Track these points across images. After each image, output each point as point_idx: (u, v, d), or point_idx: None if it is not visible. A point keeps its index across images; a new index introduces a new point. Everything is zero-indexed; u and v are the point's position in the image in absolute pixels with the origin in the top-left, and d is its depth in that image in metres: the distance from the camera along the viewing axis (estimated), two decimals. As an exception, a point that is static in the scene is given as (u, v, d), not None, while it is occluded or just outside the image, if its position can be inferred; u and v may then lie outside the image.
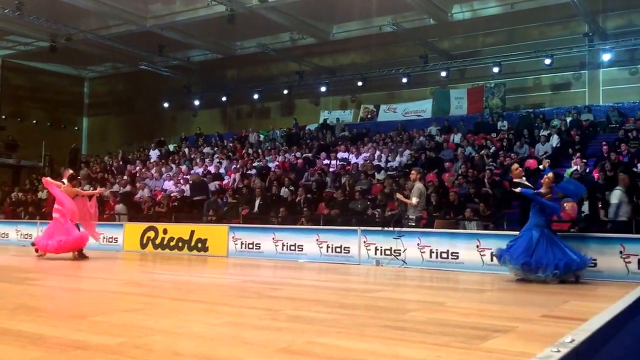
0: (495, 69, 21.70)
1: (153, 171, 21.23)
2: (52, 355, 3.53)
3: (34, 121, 32.38)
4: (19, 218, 19.25)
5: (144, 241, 14.91)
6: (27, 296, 6.41)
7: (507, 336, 4.41)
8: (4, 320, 4.66)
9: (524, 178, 9.70)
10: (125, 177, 20.90)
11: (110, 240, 15.49)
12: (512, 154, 16.47)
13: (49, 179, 12.74)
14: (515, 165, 10.20)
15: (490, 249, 10.47)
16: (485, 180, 14.58)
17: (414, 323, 4.96)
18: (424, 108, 24.03)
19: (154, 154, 24.82)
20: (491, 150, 17.44)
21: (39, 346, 3.76)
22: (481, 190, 13.96)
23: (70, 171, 12.91)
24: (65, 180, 12.18)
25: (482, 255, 10.82)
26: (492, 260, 10.40)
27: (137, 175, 21.54)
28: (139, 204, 18.47)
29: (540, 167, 13.74)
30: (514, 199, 12.33)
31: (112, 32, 25.10)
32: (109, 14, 23.42)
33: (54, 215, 12.02)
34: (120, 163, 24.33)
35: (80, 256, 11.81)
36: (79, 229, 12.16)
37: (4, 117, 31.24)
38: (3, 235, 17.58)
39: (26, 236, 16.97)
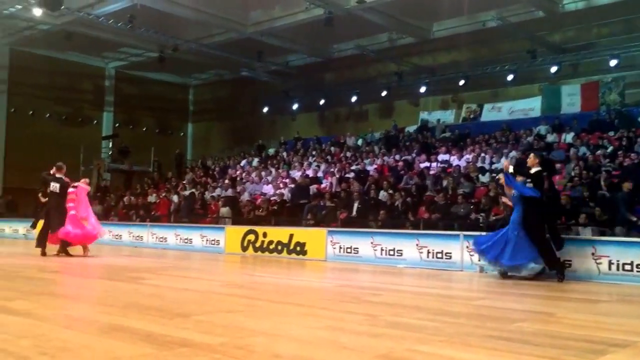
0: (613, 62, 20.17)
1: (253, 175, 21.65)
2: (160, 352, 3.69)
3: (144, 128, 34.24)
4: (131, 220, 20.29)
5: (245, 244, 15.17)
6: (138, 295, 6.67)
7: (626, 352, 4.04)
8: (116, 317, 4.95)
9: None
10: (226, 181, 21.47)
11: (213, 242, 15.90)
12: (632, 154, 15.18)
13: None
14: (532, 155, 10.06)
15: (608, 256, 9.72)
16: (602, 183, 13.55)
17: (521, 334, 4.69)
18: (532, 106, 22.80)
19: (251, 159, 25.34)
20: (608, 150, 16.19)
21: (149, 343, 3.94)
22: (597, 194, 12.98)
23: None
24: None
25: (598, 264, 10.02)
26: (609, 269, 9.64)
27: (238, 179, 22.06)
28: (241, 207, 18.87)
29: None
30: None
31: (215, 41, 25.99)
32: (212, 23, 24.26)
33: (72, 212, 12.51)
34: (222, 167, 25.05)
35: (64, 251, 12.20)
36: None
37: (117, 125, 33.29)
38: (117, 237, 18.58)
39: (138, 237, 17.83)
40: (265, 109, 30.03)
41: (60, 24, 24.31)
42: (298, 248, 14.26)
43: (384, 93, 25.74)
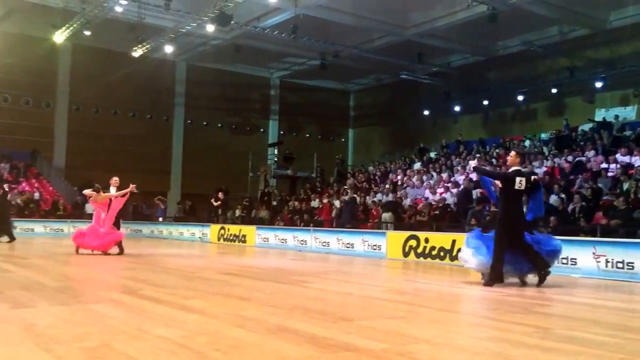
0: None
1: (414, 179, 21.28)
2: (324, 355, 3.78)
3: (307, 135, 35.43)
4: (296, 225, 20.95)
5: (406, 249, 14.86)
6: (302, 298, 6.77)
7: None
8: (283, 319, 5.09)
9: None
10: (387, 186, 21.32)
11: (374, 247, 15.80)
12: None
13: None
14: (513, 153, 8.83)
15: None
16: None
17: None
18: None
19: (413, 163, 24.95)
20: None
21: (313, 345, 4.03)
22: None
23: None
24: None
25: None
26: None
27: (399, 183, 21.82)
28: (402, 212, 18.60)
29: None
30: None
31: (374, 45, 26.13)
32: (372, 28, 24.42)
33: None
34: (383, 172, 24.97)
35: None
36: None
37: (282, 132, 34.83)
38: (282, 241, 19.27)
39: (302, 242, 18.33)
40: (426, 112, 29.56)
41: (229, 39, 26.03)
42: (462, 255, 13.62)
43: (554, 90, 24.09)
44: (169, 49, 25.81)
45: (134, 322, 4.75)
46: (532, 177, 8.72)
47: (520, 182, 8.23)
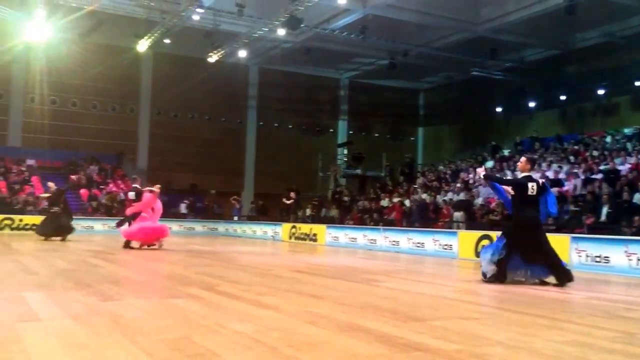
0: None
1: (486, 178, 20.82)
2: (395, 354, 3.76)
3: (376, 134, 35.34)
4: (365, 224, 21.00)
5: (479, 249, 14.60)
6: (373, 296, 6.81)
7: None
8: (354, 317, 5.13)
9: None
10: (458, 185, 21.00)
11: (445, 247, 15.64)
12: None
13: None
14: (523, 159, 8.98)
15: None
16: None
17: None
18: None
19: (485, 161, 24.41)
20: None
21: (384, 344, 4.01)
22: None
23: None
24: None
25: None
26: None
27: (471, 182, 21.44)
28: (474, 211, 18.29)
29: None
30: None
31: (444, 43, 25.75)
32: (442, 25, 24.08)
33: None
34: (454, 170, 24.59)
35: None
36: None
37: (351, 132, 34.91)
38: (352, 240, 19.38)
39: (371, 241, 18.37)
40: (499, 109, 28.79)
41: (299, 41, 26.39)
42: (538, 255, 13.25)
43: (637, 83, 22.86)
44: (242, 53, 26.57)
45: (212, 316, 4.99)
46: (541, 182, 8.82)
47: (532, 188, 8.39)
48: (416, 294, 7.34)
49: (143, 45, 26.14)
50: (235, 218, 28.26)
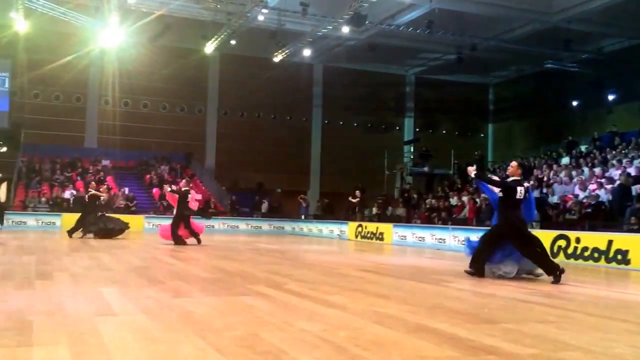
0: None
1: (562, 175, 20.03)
2: (466, 357, 3.69)
3: (443, 131, 34.71)
4: (433, 223, 20.65)
5: (555, 250, 14.05)
6: (442, 297, 6.68)
7: None
8: (422, 318, 5.06)
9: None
10: (531, 182, 20.27)
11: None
12: None
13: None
14: (514, 164, 9.33)
15: None
16: None
17: None
18: None
19: (560, 158, 23.48)
20: None
21: (454, 346, 3.95)
22: None
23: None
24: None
25: None
26: None
27: (545, 179, 20.67)
28: (549, 209, 17.60)
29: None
30: None
31: (515, 35, 24.99)
32: (512, 16, 23.37)
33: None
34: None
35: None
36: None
37: (418, 129, 34.44)
38: (419, 239, 19.08)
39: (440, 240, 18.03)
40: (575, 103, 27.61)
41: (364, 38, 26.26)
42: (619, 256, 12.60)
43: None
44: (306, 52, 26.73)
45: (279, 314, 5.00)
46: (526, 186, 9.16)
47: (521, 192, 8.76)
48: (487, 295, 7.10)
49: (210, 47, 26.76)
50: (302, 217, 28.46)
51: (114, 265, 9.16)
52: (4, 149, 28.48)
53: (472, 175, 9.57)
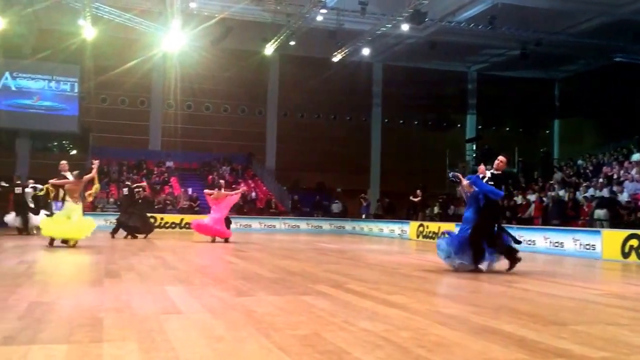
0: None
1: (633, 172, 19.16)
2: None
3: (507, 128, 33.85)
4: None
5: (626, 250, 13.44)
6: (507, 298, 6.51)
7: None
8: (488, 319, 4.94)
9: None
10: (600, 180, 19.50)
11: (587, 247, 14.57)
12: None
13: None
14: (504, 159, 9.65)
15: None
16: None
17: None
18: None
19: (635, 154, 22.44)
20: None
21: (522, 348, 3.87)
22: None
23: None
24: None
25: None
26: None
27: (615, 177, 19.83)
28: (619, 208, 16.87)
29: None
30: None
31: (582, 29, 24.12)
32: (578, 9, 22.58)
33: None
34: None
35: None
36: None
37: (480, 127, 33.72)
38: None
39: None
40: (646, 97, 26.32)
41: (424, 36, 25.94)
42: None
43: None
44: (365, 51, 26.65)
45: (341, 314, 4.99)
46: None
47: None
48: (555, 296, 6.87)
49: (270, 49, 27.09)
50: (363, 216, 28.40)
51: (178, 265, 9.39)
52: (74, 152, 29.78)
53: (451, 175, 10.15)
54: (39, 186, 17.81)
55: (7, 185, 18.70)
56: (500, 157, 9.55)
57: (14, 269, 8.06)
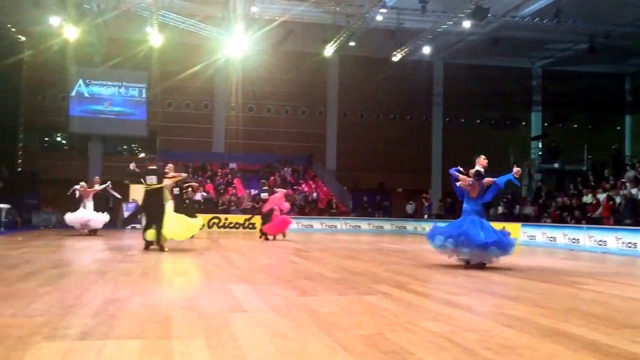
0: None
1: None
2: None
3: (574, 125, 32.67)
4: (565, 222, 19.52)
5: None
6: (578, 300, 6.31)
7: None
8: (557, 321, 4.79)
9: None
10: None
11: (629, 245, 13.99)
12: None
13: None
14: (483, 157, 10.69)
15: None
16: None
17: None
18: None
19: None
20: None
21: (593, 352, 3.77)
22: None
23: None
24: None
25: None
26: None
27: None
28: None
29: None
30: None
31: (653, 19, 22.98)
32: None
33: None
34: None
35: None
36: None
37: (546, 124, 32.69)
38: (550, 239, 18.12)
39: (573, 240, 17.00)
40: None
41: (486, 32, 25.40)
42: None
43: None
44: (426, 49, 26.36)
45: (404, 314, 4.97)
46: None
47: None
48: (629, 299, 6.61)
49: (329, 50, 27.21)
50: (425, 216, 28.09)
51: (243, 264, 9.58)
52: (142, 154, 30.81)
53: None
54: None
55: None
56: (483, 156, 11.01)
57: (87, 267, 8.46)
